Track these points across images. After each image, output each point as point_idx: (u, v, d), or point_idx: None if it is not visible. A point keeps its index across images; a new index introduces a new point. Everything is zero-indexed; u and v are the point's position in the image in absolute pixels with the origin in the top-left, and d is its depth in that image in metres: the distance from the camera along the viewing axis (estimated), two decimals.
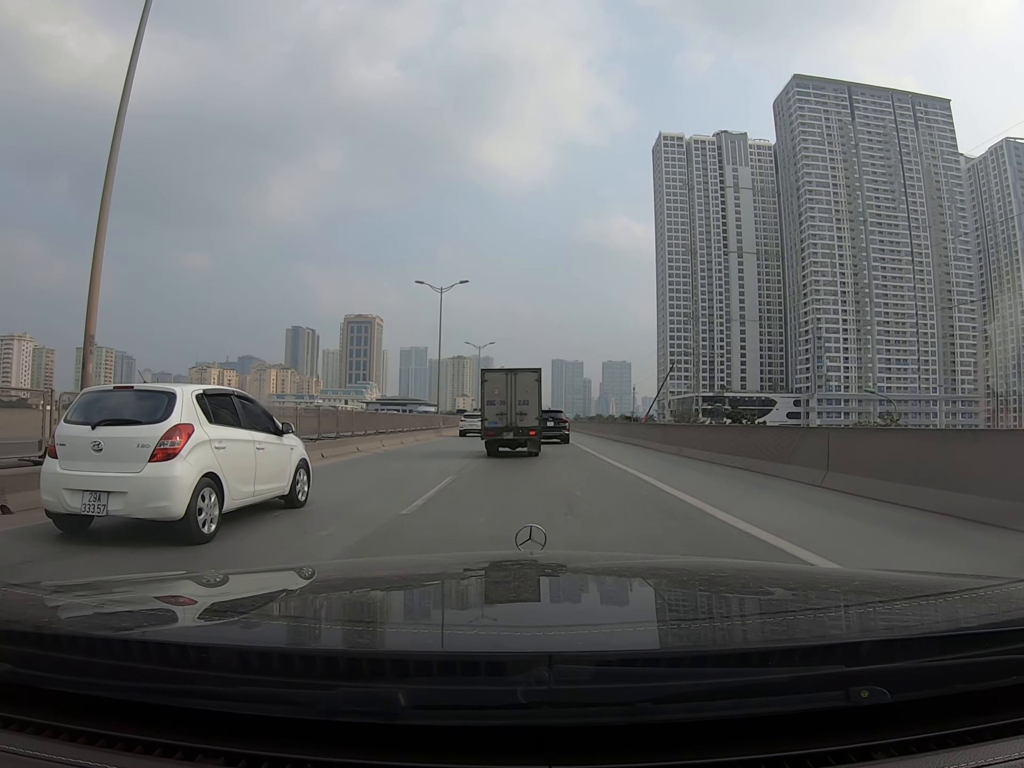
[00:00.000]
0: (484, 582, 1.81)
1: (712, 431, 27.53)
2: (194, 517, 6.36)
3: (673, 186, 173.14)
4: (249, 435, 7.71)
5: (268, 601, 1.60)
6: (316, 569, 2.05)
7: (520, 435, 20.59)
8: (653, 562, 2.46)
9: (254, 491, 7.72)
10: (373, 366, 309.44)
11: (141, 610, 1.39)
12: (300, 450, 9.27)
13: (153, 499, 6.21)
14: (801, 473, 11.93)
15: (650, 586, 1.78)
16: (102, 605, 1.39)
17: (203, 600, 1.59)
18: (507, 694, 0.86)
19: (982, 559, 5.68)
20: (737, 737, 0.87)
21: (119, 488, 6.20)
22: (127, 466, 6.26)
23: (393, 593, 1.71)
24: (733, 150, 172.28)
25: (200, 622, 1.35)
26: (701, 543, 6.79)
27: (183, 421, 6.52)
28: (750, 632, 1.28)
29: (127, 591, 1.60)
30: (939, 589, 1.46)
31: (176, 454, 6.32)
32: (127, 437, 6.41)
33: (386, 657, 0.98)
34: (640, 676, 0.91)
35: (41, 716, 0.95)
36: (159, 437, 6.33)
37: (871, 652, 0.95)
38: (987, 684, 0.93)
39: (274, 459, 8.27)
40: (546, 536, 2.03)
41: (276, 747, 0.87)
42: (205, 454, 6.66)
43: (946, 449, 9.13)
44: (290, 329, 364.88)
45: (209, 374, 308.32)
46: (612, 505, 9.82)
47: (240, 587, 1.76)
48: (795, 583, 1.73)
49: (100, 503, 6.22)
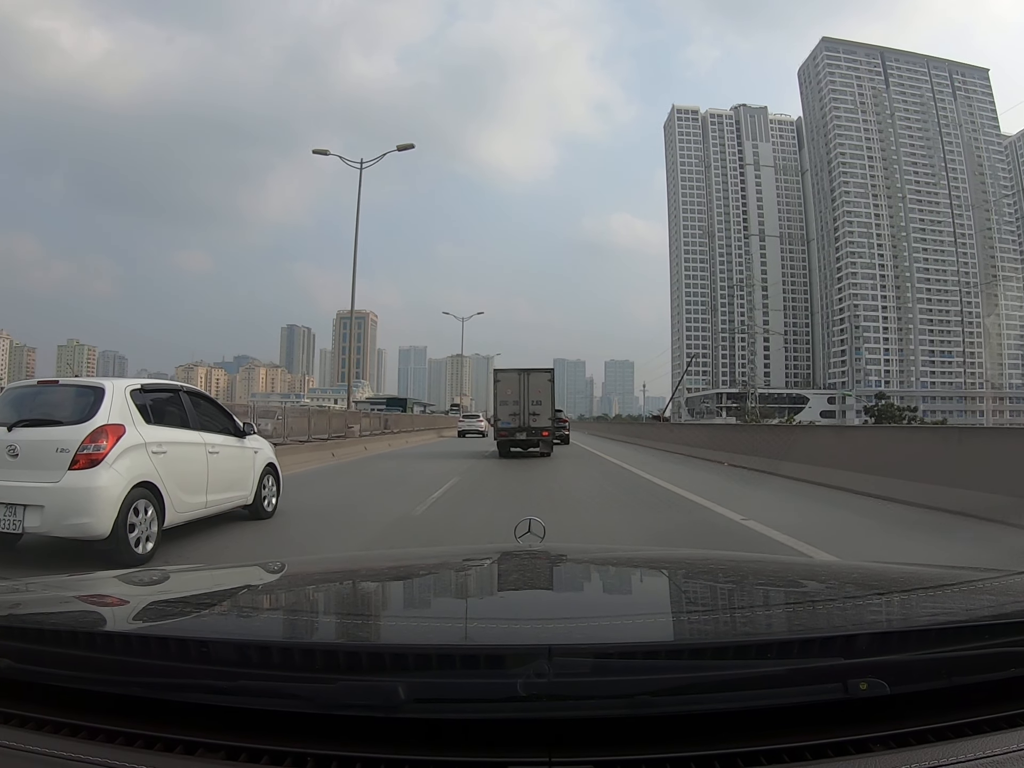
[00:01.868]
0: (483, 575, 1.80)
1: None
2: (123, 535, 5.48)
3: (688, 164, 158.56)
4: (199, 437, 6.78)
5: (267, 594, 1.59)
6: (316, 562, 2.06)
7: (533, 435, 20.14)
8: (652, 554, 2.46)
9: (206, 501, 6.79)
10: (367, 363, 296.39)
11: (139, 605, 1.38)
12: (266, 453, 8.34)
13: (73, 514, 5.33)
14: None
15: (649, 578, 1.79)
16: (102, 599, 1.39)
17: (202, 593, 1.58)
18: (507, 687, 0.86)
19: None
20: (736, 729, 0.87)
21: (35, 501, 5.31)
22: (45, 474, 5.39)
23: (392, 586, 1.71)
24: (752, 125, 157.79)
25: (200, 616, 1.34)
26: None
27: (111, 421, 5.68)
28: (749, 624, 1.28)
29: (127, 584, 1.60)
30: (937, 581, 1.46)
31: (100, 460, 5.48)
32: (45, 440, 5.54)
33: (386, 651, 0.98)
34: (640, 668, 0.91)
35: (42, 711, 0.95)
36: (81, 440, 5.49)
37: (869, 644, 0.95)
38: (985, 676, 0.93)
39: (232, 464, 7.39)
40: (545, 529, 2.04)
41: (276, 741, 0.87)
42: (139, 460, 5.81)
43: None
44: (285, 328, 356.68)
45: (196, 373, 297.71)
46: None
47: (237, 581, 1.75)
48: (793, 575, 1.73)
49: (15, 518, 5.32)
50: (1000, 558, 5.49)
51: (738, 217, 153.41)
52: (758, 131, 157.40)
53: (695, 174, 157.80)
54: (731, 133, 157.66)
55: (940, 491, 7.94)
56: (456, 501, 10.23)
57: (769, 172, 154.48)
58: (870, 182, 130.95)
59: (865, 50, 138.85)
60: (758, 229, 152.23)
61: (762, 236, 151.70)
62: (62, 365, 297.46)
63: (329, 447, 19.69)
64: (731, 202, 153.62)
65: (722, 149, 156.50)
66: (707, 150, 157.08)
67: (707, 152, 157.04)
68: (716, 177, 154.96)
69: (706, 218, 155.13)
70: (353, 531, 7.35)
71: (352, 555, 2.67)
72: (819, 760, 0.83)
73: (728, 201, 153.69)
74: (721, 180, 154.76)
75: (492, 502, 10.12)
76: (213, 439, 7.00)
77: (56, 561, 5.43)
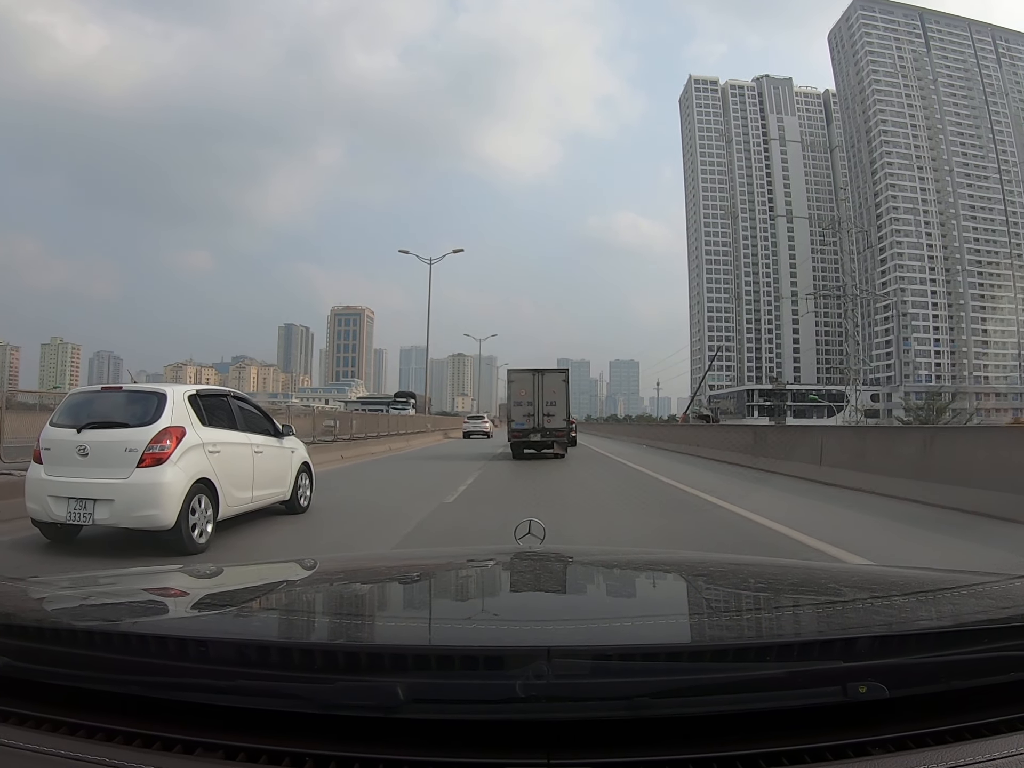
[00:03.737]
0: (483, 576, 1.80)
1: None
2: (186, 526, 5.99)
3: (708, 139, 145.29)
4: (246, 438, 7.34)
5: (267, 594, 1.59)
6: (315, 562, 2.06)
7: (547, 437, 19.55)
8: (652, 556, 2.45)
9: (252, 497, 7.32)
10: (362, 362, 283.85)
11: (139, 603, 1.38)
12: (301, 453, 8.86)
13: (141, 507, 5.85)
14: None
15: (649, 580, 1.80)
16: (101, 598, 1.39)
17: (201, 593, 1.59)
18: (506, 688, 0.86)
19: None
20: (735, 732, 0.86)
21: (106, 495, 5.86)
22: (114, 472, 5.91)
23: (392, 587, 1.71)
24: (776, 97, 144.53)
25: (199, 615, 1.35)
26: None
27: (174, 424, 6.17)
28: (748, 627, 1.27)
29: (124, 584, 1.60)
30: (937, 585, 1.45)
31: (166, 459, 5.98)
32: (114, 441, 6.06)
33: (385, 651, 0.98)
34: (639, 671, 0.91)
35: (40, 710, 0.94)
36: (147, 441, 5.99)
37: (869, 648, 0.94)
38: (985, 680, 0.93)
39: (274, 463, 7.92)
40: (545, 530, 2.05)
41: (275, 740, 0.87)
42: (198, 458, 6.30)
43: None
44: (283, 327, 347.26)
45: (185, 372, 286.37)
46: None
47: (238, 580, 1.76)
48: (793, 578, 1.72)
49: (86, 511, 5.89)
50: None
51: (763, 196, 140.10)
52: (783, 103, 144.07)
53: (716, 150, 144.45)
54: (753, 106, 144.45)
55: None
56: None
57: (796, 148, 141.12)
58: (914, 153, 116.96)
59: (903, 10, 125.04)
60: (785, 210, 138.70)
61: (789, 217, 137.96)
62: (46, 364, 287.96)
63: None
64: (755, 180, 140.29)
65: (744, 123, 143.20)
66: (728, 124, 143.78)
67: (728, 126, 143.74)
68: (738, 153, 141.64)
69: (728, 197, 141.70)
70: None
71: (352, 556, 2.68)
72: (818, 763, 0.83)
73: (752, 179, 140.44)
74: (744, 157, 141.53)
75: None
76: (257, 440, 7.49)
77: (111, 551, 6.06)
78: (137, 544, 5.96)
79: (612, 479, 14.25)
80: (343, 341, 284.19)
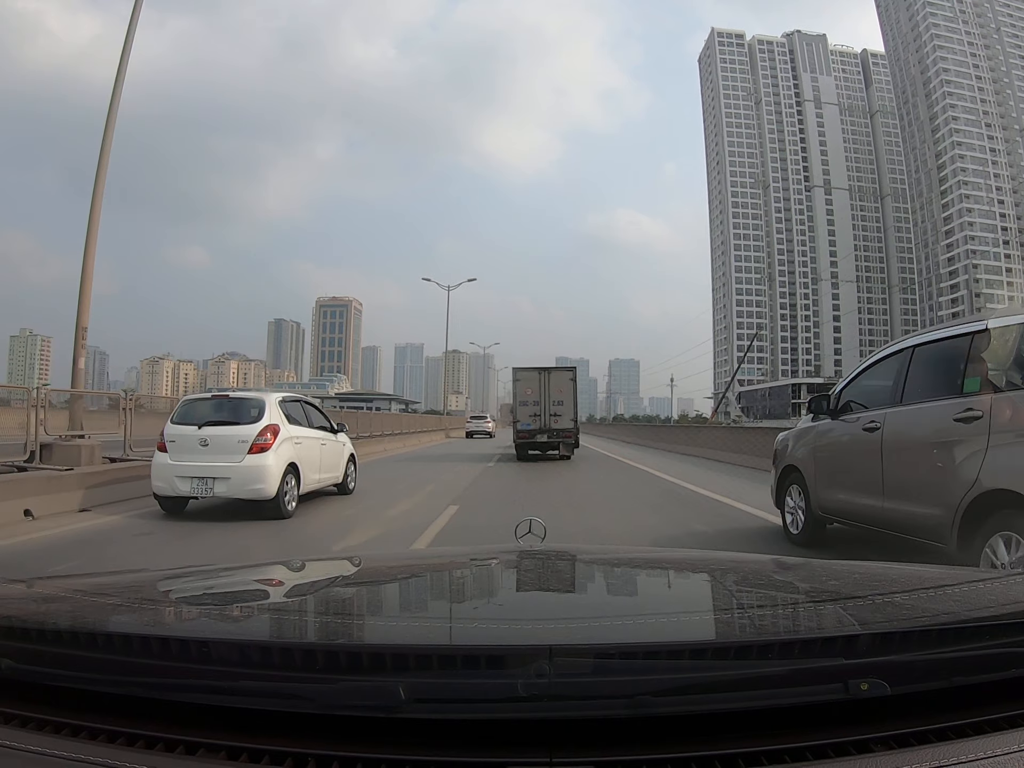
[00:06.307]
0: (484, 575, 1.81)
1: None
2: (282, 497, 8.27)
3: (734, 101, 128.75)
4: (315, 433, 9.73)
5: (269, 595, 1.59)
6: (315, 563, 2.06)
7: (554, 437, 19.44)
8: (653, 554, 2.48)
9: (319, 479, 9.71)
10: (349, 356, 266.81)
11: (141, 604, 1.36)
12: (350, 446, 11.22)
13: (252, 483, 8.10)
14: None
15: (650, 578, 1.80)
16: (102, 599, 1.38)
17: (203, 594, 1.59)
18: (508, 687, 0.86)
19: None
20: (737, 729, 0.87)
21: (223, 475, 8.12)
22: (230, 457, 8.15)
23: (393, 586, 1.71)
24: (810, 55, 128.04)
25: (200, 616, 1.35)
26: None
27: (272, 422, 8.45)
28: (750, 625, 1.28)
29: (125, 585, 1.59)
30: (938, 582, 1.45)
31: (269, 448, 8.25)
32: (229, 435, 8.30)
33: (387, 651, 0.98)
34: (640, 669, 0.91)
35: (43, 712, 0.94)
36: (255, 435, 8.25)
37: (870, 645, 0.95)
38: (986, 677, 0.93)
39: (332, 453, 10.33)
40: (545, 529, 2.07)
41: (277, 741, 0.87)
42: (288, 448, 8.59)
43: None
44: (273, 322, 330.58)
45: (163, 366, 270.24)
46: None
47: (238, 580, 1.75)
48: (794, 576, 1.73)
49: (207, 487, 8.14)
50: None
51: (797, 165, 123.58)
52: (817, 62, 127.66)
53: (743, 111, 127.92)
54: (784, 64, 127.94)
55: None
56: None
57: (833, 111, 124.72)
58: (981, 108, 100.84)
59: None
60: (822, 180, 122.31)
61: (827, 188, 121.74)
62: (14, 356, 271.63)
63: None
64: (788, 147, 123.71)
65: (775, 83, 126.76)
66: (756, 84, 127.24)
67: (756, 86, 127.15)
68: (768, 116, 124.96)
69: (759, 165, 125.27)
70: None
71: (353, 556, 2.69)
72: (820, 760, 0.83)
73: (785, 145, 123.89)
74: (775, 120, 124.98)
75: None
76: (321, 435, 9.95)
77: (209, 518, 8.24)
78: (224, 513, 8.43)
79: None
80: (329, 334, 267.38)
